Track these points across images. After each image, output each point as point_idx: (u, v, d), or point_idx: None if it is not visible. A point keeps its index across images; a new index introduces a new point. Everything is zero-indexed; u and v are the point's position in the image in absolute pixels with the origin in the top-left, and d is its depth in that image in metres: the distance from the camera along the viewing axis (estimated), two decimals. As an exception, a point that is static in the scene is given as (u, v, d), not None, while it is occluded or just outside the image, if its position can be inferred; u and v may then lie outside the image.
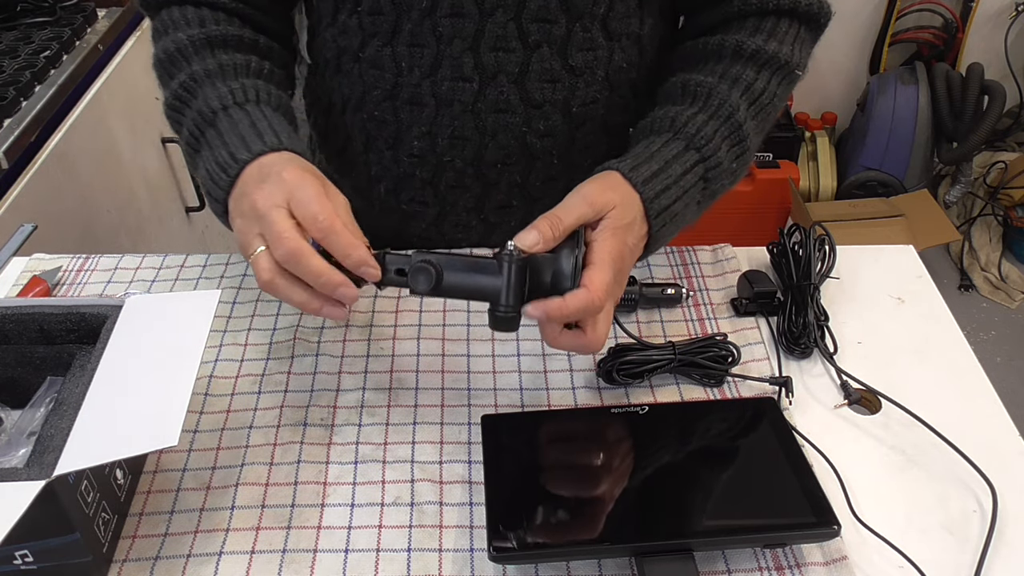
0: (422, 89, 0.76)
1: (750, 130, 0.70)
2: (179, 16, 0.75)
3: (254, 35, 0.76)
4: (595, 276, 0.58)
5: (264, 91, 0.70)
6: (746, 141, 0.70)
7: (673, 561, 0.55)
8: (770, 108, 0.72)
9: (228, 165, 0.63)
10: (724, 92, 0.69)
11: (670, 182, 0.65)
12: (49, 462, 0.50)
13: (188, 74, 0.70)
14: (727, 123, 0.69)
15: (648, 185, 0.64)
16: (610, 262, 0.60)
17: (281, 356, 0.73)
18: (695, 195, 0.67)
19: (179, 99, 0.70)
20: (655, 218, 0.64)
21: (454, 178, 0.81)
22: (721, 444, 0.64)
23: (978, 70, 2.26)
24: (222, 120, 0.67)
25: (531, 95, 0.75)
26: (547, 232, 0.59)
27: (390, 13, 0.73)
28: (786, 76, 0.72)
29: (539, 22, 0.72)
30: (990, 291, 2.30)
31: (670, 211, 0.65)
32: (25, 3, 1.36)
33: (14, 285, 0.81)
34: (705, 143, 0.67)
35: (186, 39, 0.72)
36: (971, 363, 0.73)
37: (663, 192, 0.65)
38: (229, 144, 0.65)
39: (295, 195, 0.58)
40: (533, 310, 0.58)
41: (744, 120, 0.69)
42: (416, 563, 0.57)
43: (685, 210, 0.67)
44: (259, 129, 0.65)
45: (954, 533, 0.59)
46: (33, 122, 1.13)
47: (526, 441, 0.64)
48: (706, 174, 0.68)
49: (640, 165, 0.65)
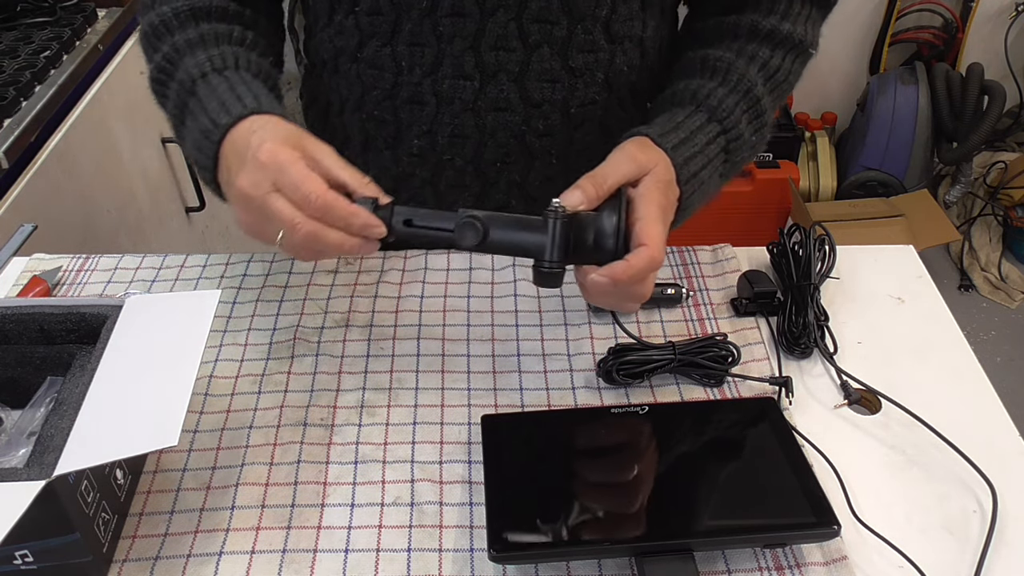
0: (423, 88, 0.76)
1: (767, 106, 0.71)
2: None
3: (239, 7, 0.75)
4: (651, 231, 0.59)
5: (244, 57, 0.69)
6: (764, 116, 0.71)
7: (673, 561, 0.55)
8: (785, 86, 0.73)
9: (210, 131, 0.63)
10: (742, 68, 0.70)
11: (696, 150, 0.66)
12: (49, 462, 0.50)
13: (170, 45, 0.70)
14: (746, 97, 0.70)
15: (677, 151, 0.65)
16: (660, 215, 0.60)
17: (281, 356, 0.73)
18: (718, 166, 0.68)
19: (162, 71, 0.70)
20: (685, 184, 0.64)
21: (454, 177, 0.81)
22: (721, 444, 0.64)
23: (978, 70, 2.26)
24: (201, 87, 0.66)
25: (531, 94, 0.75)
26: (590, 191, 0.60)
27: (389, 13, 0.73)
28: (800, 55, 0.74)
29: (540, 22, 0.72)
30: (990, 291, 2.30)
31: (698, 178, 0.66)
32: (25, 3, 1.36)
33: (14, 285, 0.81)
34: (726, 115, 0.68)
35: (170, 12, 0.72)
36: (971, 363, 0.73)
37: (690, 159, 0.65)
38: (209, 110, 0.64)
39: (279, 180, 0.57)
40: (599, 276, 0.57)
41: (762, 95, 0.71)
42: (416, 563, 0.57)
43: (709, 180, 0.68)
44: (238, 93, 0.64)
45: (954, 533, 0.59)
46: (33, 122, 1.13)
47: (526, 441, 0.64)
48: (728, 146, 0.69)
49: (668, 133, 0.66)
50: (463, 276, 0.82)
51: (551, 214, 0.58)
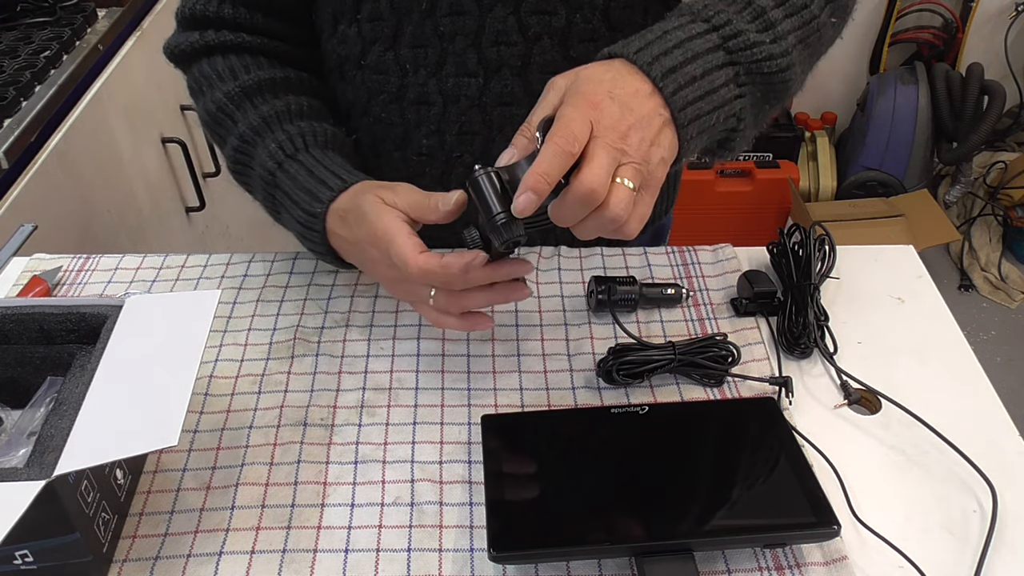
0: (428, 88, 0.76)
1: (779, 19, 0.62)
2: (210, 71, 0.77)
3: (284, 72, 0.78)
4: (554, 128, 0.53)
5: (310, 134, 0.72)
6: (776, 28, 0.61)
7: (673, 561, 0.55)
8: (806, 15, 0.63)
9: (310, 222, 0.67)
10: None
11: (670, 44, 0.58)
12: (49, 462, 0.50)
13: (237, 136, 0.73)
14: (747, 8, 0.61)
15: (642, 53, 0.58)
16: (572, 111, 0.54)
17: (281, 356, 0.73)
18: (716, 63, 0.59)
19: (238, 163, 0.74)
20: (662, 79, 0.57)
21: (463, 174, 0.81)
22: (721, 444, 0.64)
23: (978, 70, 2.26)
24: (281, 178, 0.70)
25: (534, 87, 0.75)
26: (519, 140, 0.57)
27: (390, 18, 0.74)
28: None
29: (538, 14, 0.72)
30: (990, 291, 2.30)
31: (683, 72, 0.58)
32: (25, 3, 1.36)
33: (14, 285, 0.81)
34: (714, 14, 0.60)
35: (223, 97, 0.75)
36: (971, 363, 0.73)
37: (663, 55, 0.58)
38: (300, 203, 0.68)
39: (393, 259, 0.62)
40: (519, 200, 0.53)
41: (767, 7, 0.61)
42: (416, 563, 0.57)
43: (709, 77, 0.59)
44: (318, 176, 0.68)
45: (954, 533, 0.59)
46: (33, 122, 1.13)
47: (526, 441, 0.64)
48: (725, 43, 0.60)
49: (631, 41, 0.59)
50: (463, 276, 0.82)
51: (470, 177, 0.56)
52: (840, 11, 0.68)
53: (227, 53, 0.77)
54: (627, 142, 0.55)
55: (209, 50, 0.77)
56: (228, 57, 0.77)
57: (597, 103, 0.55)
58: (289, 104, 0.74)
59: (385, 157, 0.82)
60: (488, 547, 0.55)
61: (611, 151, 0.54)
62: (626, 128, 0.55)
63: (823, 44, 0.67)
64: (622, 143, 0.55)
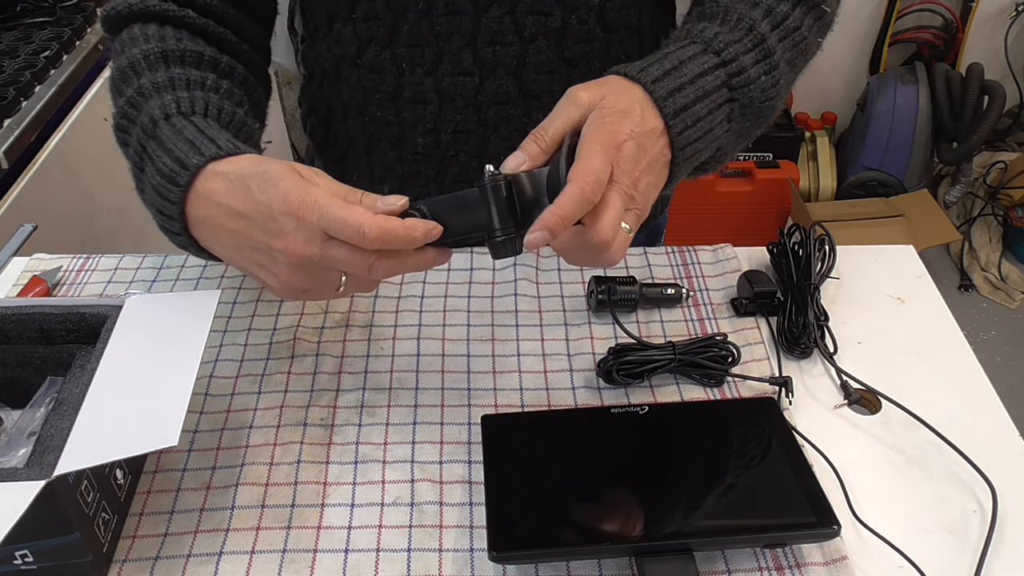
0: (424, 87, 0.76)
1: (776, 49, 0.64)
2: (139, 33, 0.69)
3: (216, 54, 0.70)
4: (579, 166, 0.52)
5: (215, 105, 0.63)
6: (772, 58, 0.63)
7: (673, 561, 0.55)
8: (797, 37, 0.66)
9: (176, 173, 0.57)
10: (743, 9, 0.64)
11: (685, 80, 0.59)
12: (49, 462, 0.50)
13: (135, 88, 0.64)
14: (749, 35, 0.62)
15: (659, 84, 0.58)
16: (599, 149, 0.54)
17: (281, 356, 0.73)
18: (720, 103, 0.61)
19: (125, 116, 0.64)
20: (673, 118, 0.58)
21: (459, 172, 0.81)
22: (721, 444, 0.64)
23: (978, 70, 2.26)
24: (163, 129, 0.60)
25: (529, 87, 0.75)
26: (532, 147, 0.56)
27: (386, 17, 0.74)
28: (811, 8, 0.67)
29: (534, 14, 0.73)
30: (990, 291, 2.30)
31: (691, 113, 0.59)
32: (25, 3, 1.36)
33: (14, 285, 0.81)
34: (724, 47, 0.61)
35: (139, 54, 0.66)
36: (971, 363, 0.73)
37: (677, 91, 0.58)
38: (174, 151, 0.58)
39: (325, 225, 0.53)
40: (532, 236, 0.51)
41: (767, 35, 0.63)
42: (416, 563, 0.57)
43: (711, 117, 0.60)
44: (209, 135, 0.59)
45: (954, 533, 0.59)
46: (33, 122, 1.13)
47: (526, 441, 0.64)
48: (730, 81, 0.61)
49: (650, 65, 0.59)
50: (463, 276, 0.82)
51: (485, 182, 0.54)
52: (824, 29, 0.70)
53: (164, 23, 0.70)
54: (637, 188, 0.56)
55: (148, 16, 0.70)
56: (164, 27, 0.69)
57: (620, 143, 0.55)
58: (206, 78, 0.66)
59: (380, 156, 0.82)
60: (488, 547, 0.55)
61: (624, 198, 0.55)
62: (639, 173, 0.56)
63: (806, 62, 0.69)
64: (633, 189, 0.55)
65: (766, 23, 0.64)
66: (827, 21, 0.69)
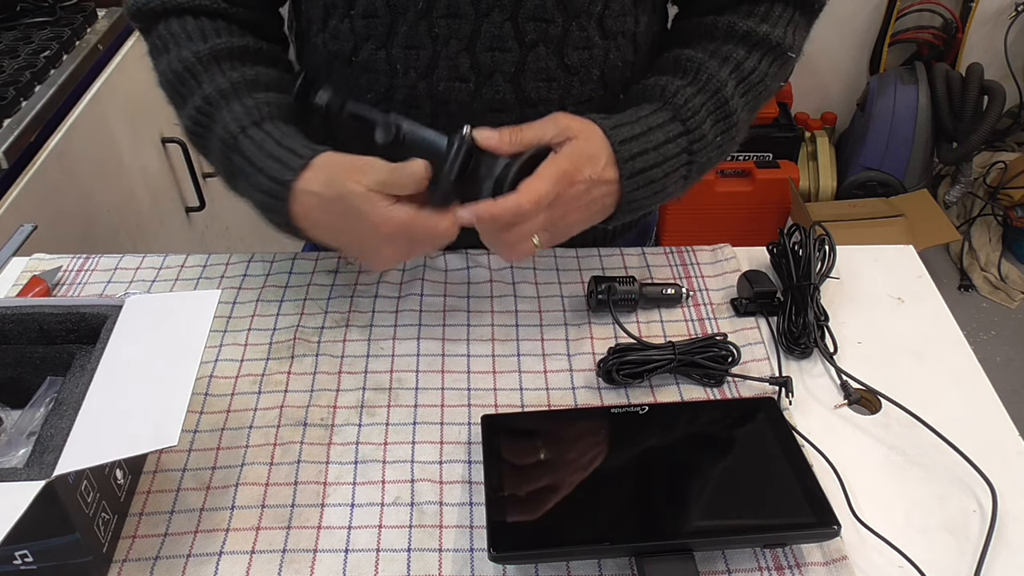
0: (418, 90, 0.76)
1: (738, 107, 0.72)
2: (179, 30, 0.75)
3: (256, 42, 0.77)
4: (530, 184, 0.62)
5: (275, 104, 0.72)
6: (732, 117, 0.72)
7: (673, 561, 0.55)
8: (761, 87, 0.74)
9: (276, 191, 0.66)
10: (714, 68, 0.71)
11: (649, 147, 0.68)
12: (49, 462, 0.50)
13: (202, 96, 0.71)
14: (714, 98, 0.71)
15: (625, 145, 0.67)
16: (553, 178, 0.63)
17: (281, 356, 0.73)
18: (677, 165, 0.70)
19: (199, 124, 0.72)
20: (628, 179, 0.67)
21: None
22: (721, 444, 0.64)
23: (978, 70, 2.26)
24: (243, 143, 0.69)
25: (527, 94, 0.75)
26: (504, 135, 0.64)
27: (385, 16, 0.73)
28: (778, 57, 0.74)
29: (536, 21, 0.72)
30: (990, 291, 2.30)
31: (646, 175, 0.68)
32: (25, 3, 1.36)
33: (14, 285, 0.81)
34: (691, 115, 0.69)
35: (192, 56, 0.73)
36: (971, 363, 0.73)
37: (639, 155, 0.67)
38: (265, 169, 0.67)
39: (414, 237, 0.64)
40: (464, 212, 0.63)
41: (731, 96, 0.71)
42: (416, 563, 0.57)
43: (666, 179, 0.69)
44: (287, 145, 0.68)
45: (954, 533, 0.59)
46: (33, 122, 1.13)
47: (526, 441, 0.64)
48: (691, 146, 0.70)
49: (623, 126, 0.68)
50: (463, 276, 0.82)
51: (463, 137, 0.64)
52: (786, 74, 0.77)
53: (197, 15, 0.76)
54: (564, 220, 0.66)
55: (180, 10, 0.76)
56: (199, 19, 0.75)
57: (575, 181, 0.64)
58: (259, 75, 0.74)
59: None
60: (488, 547, 0.55)
61: (548, 222, 0.64)
62: (573, 210, 0.66)
63: (767, 100, 0.77)
64: (561, 220, 0.65)
65: (732, 81, 0.72)
66: (790, 66, 0.76)
